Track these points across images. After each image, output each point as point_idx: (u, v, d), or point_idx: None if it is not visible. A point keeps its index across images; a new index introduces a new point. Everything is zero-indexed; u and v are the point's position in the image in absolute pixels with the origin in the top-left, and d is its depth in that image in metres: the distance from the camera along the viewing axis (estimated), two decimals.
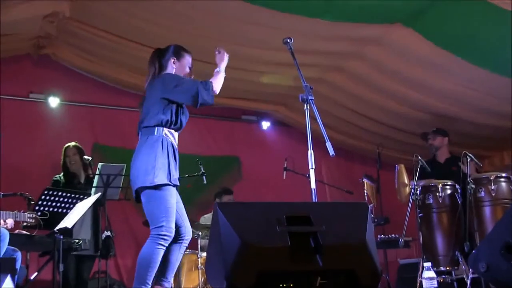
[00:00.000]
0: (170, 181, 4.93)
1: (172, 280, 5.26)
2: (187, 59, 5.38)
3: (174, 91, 5.07)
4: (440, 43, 7.20)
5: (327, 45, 7.62)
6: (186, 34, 7.52)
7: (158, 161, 4.91)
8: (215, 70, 5.28)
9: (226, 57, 5.34)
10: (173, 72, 5.25)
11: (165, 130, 5.05)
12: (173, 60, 5.29)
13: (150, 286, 4.83)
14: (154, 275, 4.89)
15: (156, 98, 5.07)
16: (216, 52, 5.38)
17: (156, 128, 5.02)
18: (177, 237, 5.05)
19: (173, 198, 4.97)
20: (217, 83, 5.18)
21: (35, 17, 7.57)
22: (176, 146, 5.16)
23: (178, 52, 5.35)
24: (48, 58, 8.88)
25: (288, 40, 5.21)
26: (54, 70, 9.03)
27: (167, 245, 4.90)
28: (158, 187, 4.87)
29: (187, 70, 5.36)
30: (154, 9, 7.10)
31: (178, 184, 5.10)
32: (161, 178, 4.88)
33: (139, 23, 7.45)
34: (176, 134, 5.19)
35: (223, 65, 5.31)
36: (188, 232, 5.14)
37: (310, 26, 7.03)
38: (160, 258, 4.87)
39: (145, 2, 6.98)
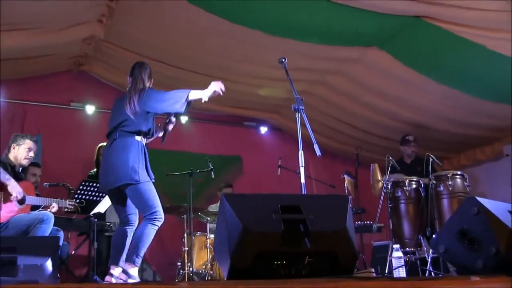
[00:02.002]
0: (150, 178, 4.97)
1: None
2: None
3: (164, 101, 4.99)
4: (409, 64, 7.19)
5: (313, 63, 7.61)
6: (198, 52, 7.58)
7: (141, 163, 4.92)
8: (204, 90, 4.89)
9: (217, 86, 4.90)
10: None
11: (141, 136, 5.04)
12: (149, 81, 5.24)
13: (141, 258, 4.86)
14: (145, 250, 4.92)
15: (142, 109, 4.99)
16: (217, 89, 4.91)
17: (136, 135, 4.99)
18: (128, 223, 5.09)
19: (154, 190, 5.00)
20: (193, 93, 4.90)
21: (76, 40, 7.62)
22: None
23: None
24: (86, 73, 8.92)
25: (283, 60, 5.20)
26: (90, 83, 9.04)
27: (159, 225, 4.92)
28: (143, 183, 4.86)
29: None
30: (172, 32, 7.13)
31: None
32: (144, 177, 4.89)
33: (159, 43, 7.46)
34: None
35: (208, 92, 4.88)
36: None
37: (299, 48, 7.02)
38: (152, 237, 4.89)
39: (164, 26, 7.01)
